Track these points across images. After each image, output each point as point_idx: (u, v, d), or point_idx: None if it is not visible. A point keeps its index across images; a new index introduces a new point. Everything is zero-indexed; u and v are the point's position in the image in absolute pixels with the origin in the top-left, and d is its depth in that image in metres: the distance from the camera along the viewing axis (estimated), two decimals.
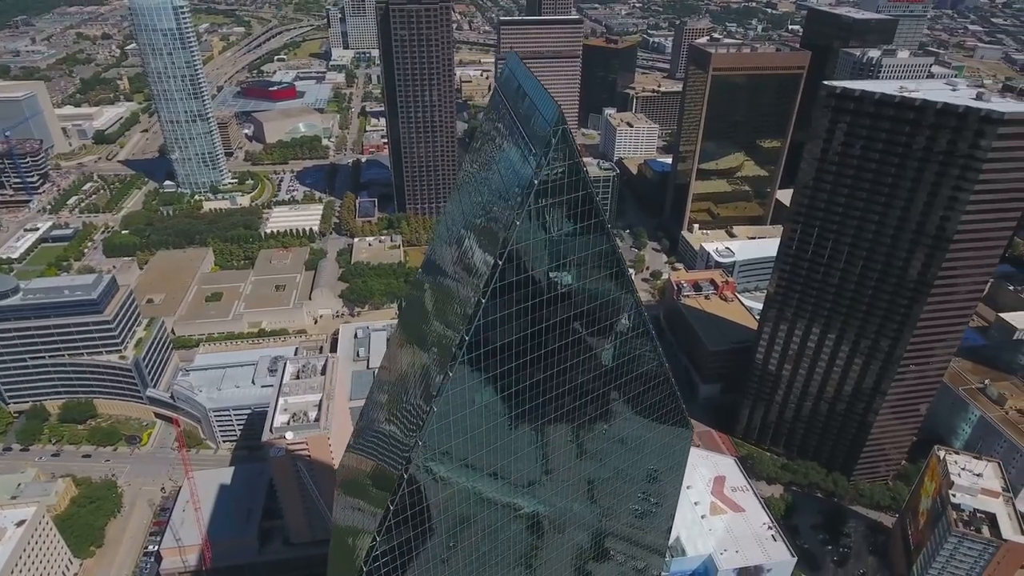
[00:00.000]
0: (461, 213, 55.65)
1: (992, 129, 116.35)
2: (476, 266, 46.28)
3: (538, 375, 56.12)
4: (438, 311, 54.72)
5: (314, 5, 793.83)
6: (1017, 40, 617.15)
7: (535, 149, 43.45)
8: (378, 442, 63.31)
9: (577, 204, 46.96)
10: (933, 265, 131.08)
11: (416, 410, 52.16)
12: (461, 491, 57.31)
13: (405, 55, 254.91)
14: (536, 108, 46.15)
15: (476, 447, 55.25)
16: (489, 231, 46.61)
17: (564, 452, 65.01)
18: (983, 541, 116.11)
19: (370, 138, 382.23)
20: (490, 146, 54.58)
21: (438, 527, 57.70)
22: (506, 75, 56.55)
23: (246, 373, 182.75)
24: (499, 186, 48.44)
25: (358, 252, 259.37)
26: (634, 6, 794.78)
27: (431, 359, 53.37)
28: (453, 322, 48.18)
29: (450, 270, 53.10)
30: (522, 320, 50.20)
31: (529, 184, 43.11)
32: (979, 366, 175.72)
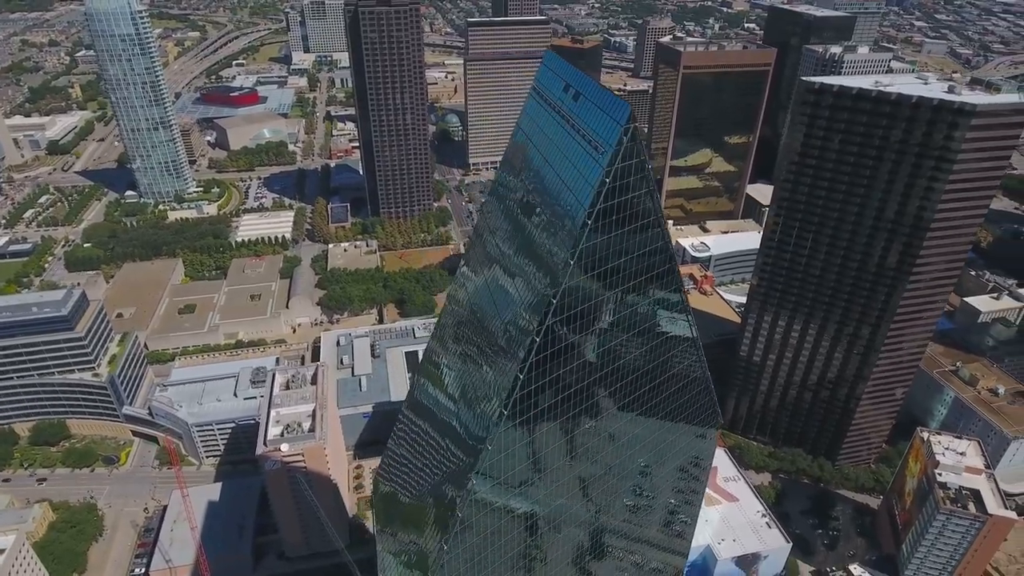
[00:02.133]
0: (507, 220, 55.43)
1: (965, 121, 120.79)
2: (541, 267, 46.11)
3: (597, 373, 56.84)
4: (497, 325, 54.40)
5: (270, 8, 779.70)
6: (960, 35, 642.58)
7: (602, 147, 43.56)
8: (436, 462, 63.08)
9: (640, 202, 47.19)
10: (910, 254, 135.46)
11: (477, 429, 52.07)
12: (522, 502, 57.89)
13: (375, 58, 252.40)
14: (598, 107, 46.22)
15: (537, 457, 55.85)
16: (551, 233, 46.52)
17: (611, 452, 65.55)
18: (970, 517, 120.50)
19: (338, 143, 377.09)
20: (535, 149, 54.30)
21: (501, 534, 58.14)
22: (547, 75, 56.49)
23: (227, 386, 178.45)
24: (557, 188, 48.38)
25: (333, 258, 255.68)
26: (593, 6, 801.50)
27: (494, 377, 53.19)
28: (524, 320, 48.08)
29: (503, 277, 52.86)
30: (588, 314, 50.81)
31: (600, 183, 43.20)
32: (950, 349, 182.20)
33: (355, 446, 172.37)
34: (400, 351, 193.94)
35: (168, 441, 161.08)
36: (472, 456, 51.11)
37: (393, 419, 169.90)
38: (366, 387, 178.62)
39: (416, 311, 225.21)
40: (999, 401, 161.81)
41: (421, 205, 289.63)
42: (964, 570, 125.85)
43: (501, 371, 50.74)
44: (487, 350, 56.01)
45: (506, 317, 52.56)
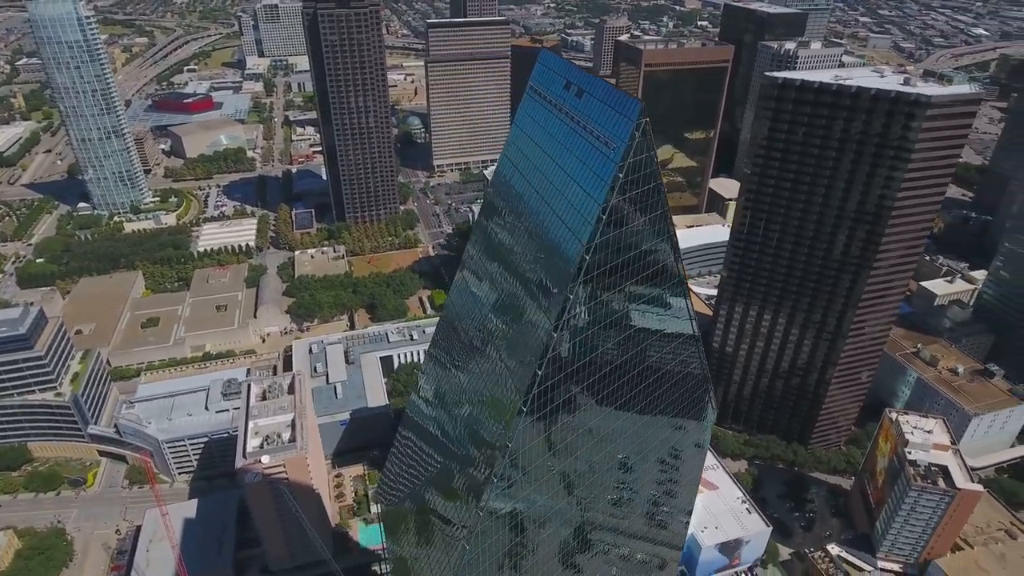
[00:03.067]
0: (512, 224, 55.58)
1: (921, 112, 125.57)
2: (554, 264, 46.29)
3: (607, 368, 57.45)
4: (508, 324, 54.53)
5: (221, 13, 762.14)
6: (903, 30, 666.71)
7: (614, 143, 43.96)
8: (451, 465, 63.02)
9: (648, 196, 47.78)
10: (873, 242, 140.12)
11: (496, 429, 52.20)
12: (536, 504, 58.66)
13: (336, 61, 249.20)
14: (606, 104, 46.61)
15: (553, 453, 56.34)
16: (562, 229, 46.77)
17: (619, 447, 66.47)
18: (940, 492, 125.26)
19: (298, 148, 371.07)
20: (539, 148, 54.36)
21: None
22: (544, 74, 56.65)
23: (198, 399, 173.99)
24: (566, 185, 48.56)
25: (301, 265, 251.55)
26: (549, 6, 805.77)
27: (511, 380, 53.43)
28: (536, 319, 48.32)
29: (510, 278, 52.94)
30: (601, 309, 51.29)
31: (613, 179, 43.57)
32: (910, 332, 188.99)
33: (333, 454, 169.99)
34: (374, 356, 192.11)
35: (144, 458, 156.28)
36: (489, 458, 51.17)
37: (371, 425, 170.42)
38: (342, 394, 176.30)
39: (388, 315, 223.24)
40: (959, 380, 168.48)
41: (387, 209, 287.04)
42: (935, 543, 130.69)
43: (517, 372, 50.91)
44: (499, 353, 56.12)
45: (518, 318, 52.68)
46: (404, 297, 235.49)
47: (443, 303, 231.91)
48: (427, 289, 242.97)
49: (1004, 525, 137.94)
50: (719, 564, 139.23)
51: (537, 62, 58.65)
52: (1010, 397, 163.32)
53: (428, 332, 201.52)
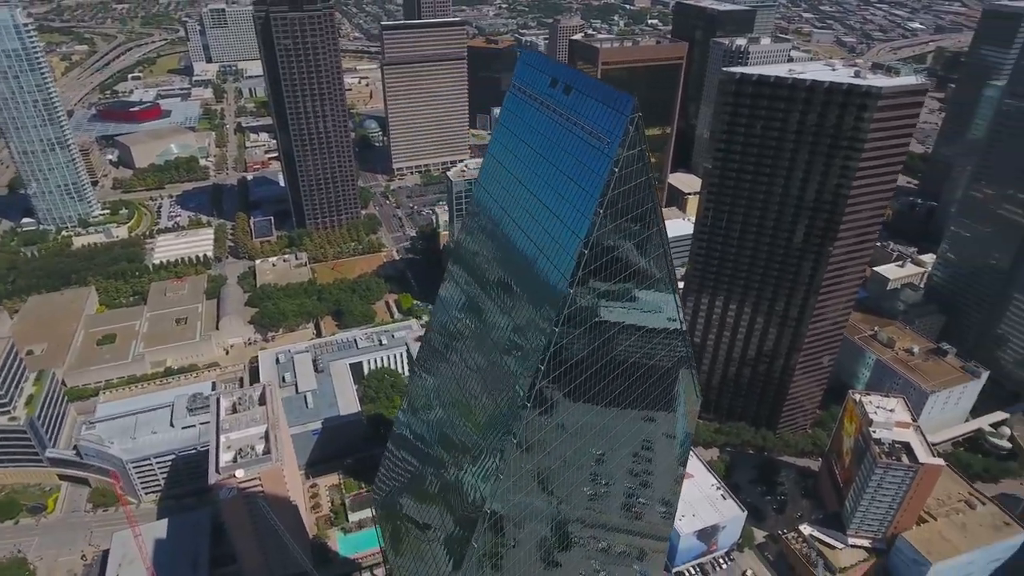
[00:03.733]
0: (502, 222, 55.59)
1: (873, 103, 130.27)
2: (551, 261, 46.48)
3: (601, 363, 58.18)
4: (501, 326, 54.54)
5: (164, 18, 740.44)
6: (844, 25, 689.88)
7: (608, 138, 44.35)
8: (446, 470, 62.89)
9: (640, 189, 48.38)
10: (831, 230, 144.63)
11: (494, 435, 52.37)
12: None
13: (291, 65, 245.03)
14: (597, 100, 46.98)
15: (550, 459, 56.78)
16: (558, 225, 46.98)
17: (609, 442, 67.20)
18: (904, 467, 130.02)
19: (253, 154, 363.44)
20: (527, 146, 54.51)
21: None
22: (527, 72, 56.78)
23: (162, 416, 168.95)
24: (559, 181, 48.81)
25: (262, 274, 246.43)
26: (500, 7, 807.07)
27: (500, 386, 53.50)
28: (532, 325, 48.51)
29: (505, 279, 52.94)
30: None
31: (609, 173, 43.96)
32: (867, 315, 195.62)
33: (306, 465, 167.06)
34: (344, 363, 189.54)
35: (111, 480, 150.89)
36: (491, 461, 51.32)
37: (344, 433, 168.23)
38: (312, 403, 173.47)
39: (355, 321, 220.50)
40: (915, 360, 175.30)
41: (348, 214, 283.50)
42: (902, 518, 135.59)
43: (518, 370, 51.07)
44: (497, 354, 56.13)
45: (515, 319, 52.79)
46: (370, 302, 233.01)
47: (410, 307, 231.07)
48: (394, 293, 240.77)
49: (963, 496, 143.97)
50: (698, 551, 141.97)
51: (519, 61, 58.95)
52: (963, 374, 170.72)
53: (397, 336, 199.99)
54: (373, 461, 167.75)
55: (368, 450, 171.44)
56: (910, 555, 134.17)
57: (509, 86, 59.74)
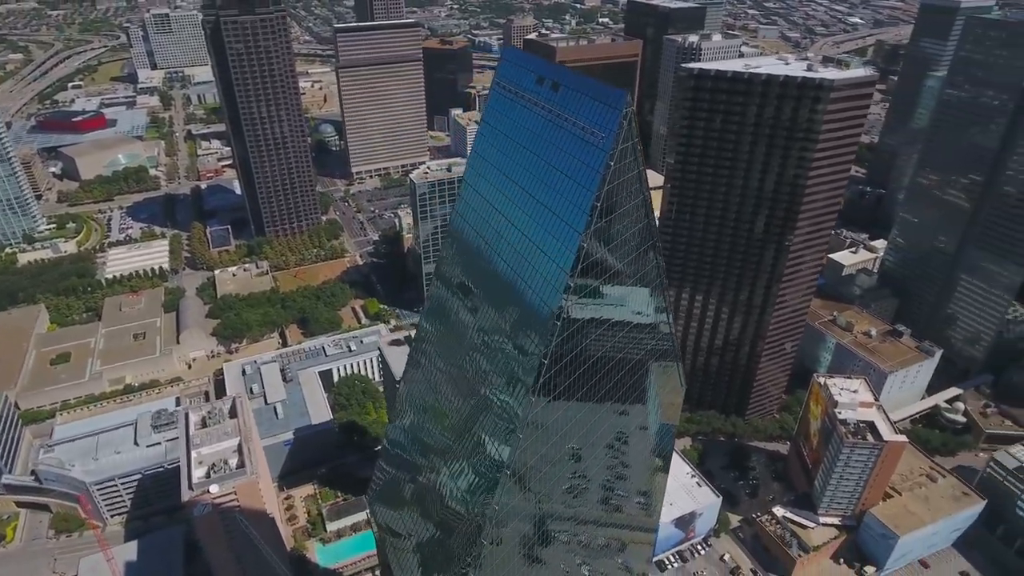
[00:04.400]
0: (492, 218, 55.62)
1: (826, 95, 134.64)
2: (548, 256, 46.60)
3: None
4: (495, 326, 54.56)
5: (103, 24, 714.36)
6: (787, 20, 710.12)
7: (601, 133, 44.68)
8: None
9: (633, 182, 48.91)
10: (791, 219, 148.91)
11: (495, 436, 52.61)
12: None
13: (243, 70, 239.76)
14: (589, 96, 47.30)
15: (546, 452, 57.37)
16: (555, 222, 47.14)
17: (596, 435, 68.03)
18: (869, 445, 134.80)
19: (205, 162, 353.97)
20: (516, 144, 54.52)
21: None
22: (511, 70, 56.80)
23: (125, 435, 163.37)
24: (553, 178, 48.95)
25: (222, 284, 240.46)
26: (452, 8, 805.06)
27: (499, 390, 53.58)
28: (540, 311, 48.82)
29: (501, 276, 52.88)
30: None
31: (605, 167, 44.32)
32: (826, 301, 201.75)
33: (279, 477, 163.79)
34: (313, 372, 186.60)
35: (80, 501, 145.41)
36: (493, 466, 51.48)
37: (316, 443, 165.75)
38: (283, 414, 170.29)
39: (321, 329, 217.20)
40: (873, 342, 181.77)
41: (309, 220, 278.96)
42: (869, 494, 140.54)
43: (520, 368, 51.24)
44: (494, 354, 56.13)
45: (513, 315, 52.83)
46: (336, 309, 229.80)
47: (377, 311, 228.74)
48: (359, 299, 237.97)
49: (925, 470, 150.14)
50: (676, 539, 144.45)
51: (502, 59, 58.99)
52: (918, 353, 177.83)
53: (366, 342, 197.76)
54: (348, 469, 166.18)
55: (342, 458, 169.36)
56: (878, 530, 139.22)
57: (491, 84, 59.90)
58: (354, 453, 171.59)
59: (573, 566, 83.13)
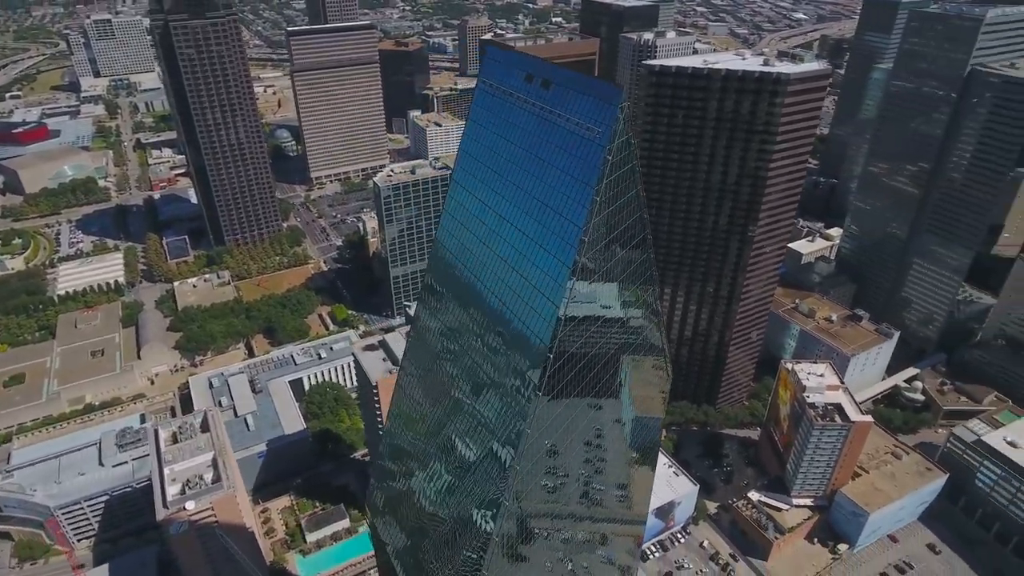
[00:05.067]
0: (484, 216, 55.58)
1: (783, 88, 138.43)
2: (551, 252, 46.73)
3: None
4: (496, 334, 54.54)
5: (40, 31, 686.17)
6: (736, 17, 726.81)
7: (599, 128, 45.00)
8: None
9: (628, 176, 49.41)
10: (753, 210, 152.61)
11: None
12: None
13: (196, 75, 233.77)
14: (584, 93, 47.59)
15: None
16: (552, 220, 47.28)
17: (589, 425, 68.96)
18: (838, 427, 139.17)
19: (157, 172, 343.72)
20: (507, 142, 54.49)
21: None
22: (496, 69, 56.77)
23: (89, 456, 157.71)
24: (549, 174, 49.08)
25: (183, 296, 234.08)
26: (404, 9, 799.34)
27: (505, 389, 53.46)
28: (544, 305, 49.28)
29: (494, 274, 52.82)
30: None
31: (603, 161, 44.66)
32: (787, 289, 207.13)
33: (253, 490, 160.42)
34: (283, 381, 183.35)
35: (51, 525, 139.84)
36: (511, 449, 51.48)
37: (291, 453, 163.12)
38: (254, 426, 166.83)
39: (289, 337, 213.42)
40: (835, 327, 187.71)
41: (269, 227, 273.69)
42: (839, 474, 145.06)
43: (524, 367, 51.42)
44: (498, 350, 56.10)
45: (513, 313, 52.88)
46: (303, 317, 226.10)
47: (345, 318, 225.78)
48: (326, 305, 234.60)
49: (889, 448, 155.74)
50: (657, 528, 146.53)
51: (485, 57, 59.03)
52: (877, 336, 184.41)
53: (336, 349, 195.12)
54: (324, 478, 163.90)
55: (318, 467, 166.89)
56: (849, 508, 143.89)
57: (477, 82, 59.89)
58: (330, 462, 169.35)
59: (576, 562, 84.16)
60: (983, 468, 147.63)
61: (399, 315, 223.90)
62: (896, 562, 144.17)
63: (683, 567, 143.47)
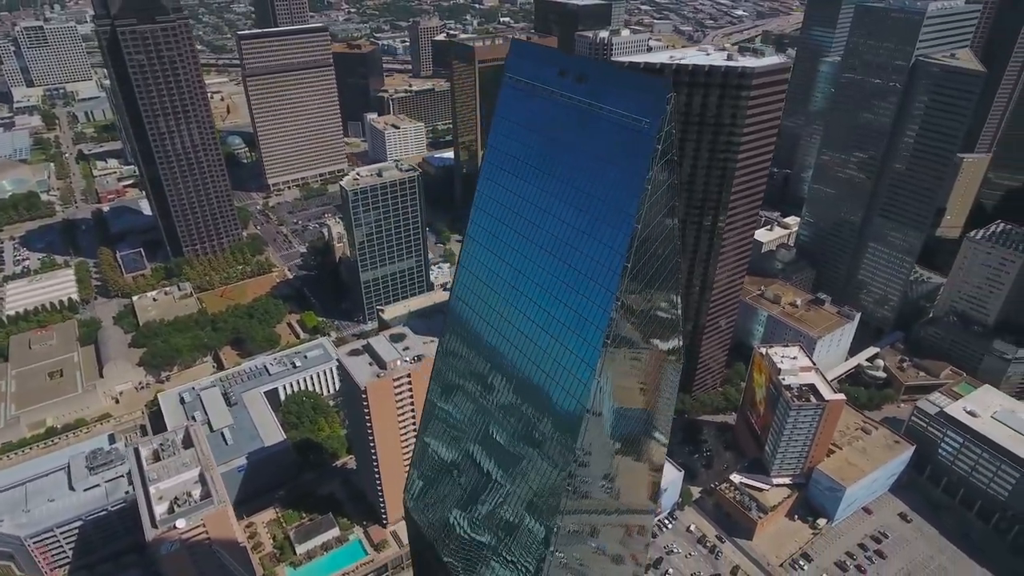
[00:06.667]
0: (521, 209, 55.96)
1: (748, 81, 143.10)
2: (605, 236, 47.53)
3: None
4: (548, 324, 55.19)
5: None
6: (679, 15, 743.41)
7: (647, 118, 46.01)
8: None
9: (669, 165, 50.57)
10: (724, 201, 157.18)
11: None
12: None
13: (147, 82, 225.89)
14: (623, 85, 48.47)
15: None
16: (600, 211, 48.04)
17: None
18: (813, 406, 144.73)
19: (104, 183, 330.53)
20: (544, 136, 54.91)
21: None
22: (523, 64, 57.19)
23: (58, 480, 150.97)
24: (593, 166, 49.74)
25: (143, 311, 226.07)
26: (350, 12, 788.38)
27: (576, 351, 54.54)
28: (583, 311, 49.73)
29: (538, 265, 53.23)
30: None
31: (653, 149, 45.66)
32: (752, 277, 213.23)
33: (235, 504, 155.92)
34: (258, 392, 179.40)
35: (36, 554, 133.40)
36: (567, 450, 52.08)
37: (272, 465, 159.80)
38: (232, 439, 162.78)
39: (259, 348, 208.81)
40: (800, 311, 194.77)
41: (229, 236, 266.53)
42: (815, 452, 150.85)
43: (581, 346, 52.02)
44: (546, 346, 56.73)
45: (566, 302, 53.47)
46: (271, 326, 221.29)
47: (316, 325, 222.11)
48: (295, 313, 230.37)
49: (859, 425, 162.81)
50: None
51: (510, 52, 59.60)
52: (840, 318, 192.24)
53: (312, 356, 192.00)
54: (308, 488, 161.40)
55: (301, 477, 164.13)
56: (826, 484, 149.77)
57: (503, 78, 60.35)
58: (312, 471, 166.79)
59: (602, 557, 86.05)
60: (946, 438, 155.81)
61: (371, 320, 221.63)
62: (872, 532, 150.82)
63: (673, 552, 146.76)
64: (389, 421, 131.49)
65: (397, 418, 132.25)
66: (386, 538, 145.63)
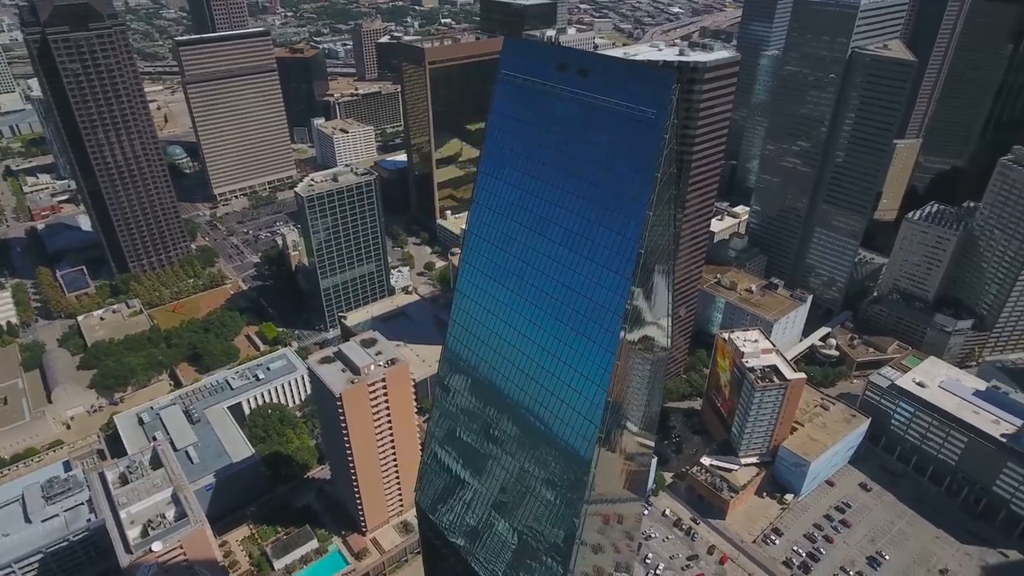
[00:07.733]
0: (529, 204, 56.32)
1: (701, 76, 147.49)
2: (620, 227, 48.41)
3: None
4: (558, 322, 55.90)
5: None
6: (618, 13, 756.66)
7: (654, 111, 46.96)
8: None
9: (671, 155, 51.88)
10: (681, 194, 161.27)
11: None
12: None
13: (83, 93, 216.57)
14: (627, 78, 49.35)
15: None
16: (610, 201, 48.79)
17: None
18: (777, 386, 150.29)
19: (37, 200, 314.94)
20: (544, 131, 55.31)
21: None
22: (517, 60, 57.45)
23: (13, 513, 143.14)
24: (603, 158, 50.45)
25: (90, 331, 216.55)
26: (286, 16, 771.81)
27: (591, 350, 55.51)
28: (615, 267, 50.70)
29: (548, 254, 53.61)
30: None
31: (661, 140, 46.64)
32: (708, 266, 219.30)
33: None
34: (220, 408, 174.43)
35: None
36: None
37: (242, 481, 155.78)
38: (198, 457, 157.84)
39: (217, 362, 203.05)
40: (755, 296, 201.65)
41: (177, 249, 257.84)
42: (779, 431, 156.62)
43: (597, 344, 52.95)
44: (562, 346, 57.49)
45: (577, 290, 54.01)
46: (229, 339, 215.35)
47: (276, 336, 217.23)
48: (253, 324, 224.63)
49: (818, 402, 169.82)
50: None
51: (504, 50, 59.94)
52: (793, 301, 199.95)
53: (273, 368, 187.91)
54: (281, 501, 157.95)
55: (272, 491, 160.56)
56: (791, 460, 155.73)
57: (497, 75, 60.71)
58: (283, 484, 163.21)
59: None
60: (898, 409, 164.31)
61: (333, 327, 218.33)
62: (836, 504, 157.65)
63: (651, 537, 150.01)
64: (365, 427, 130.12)
65: (373, 424, 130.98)
66: (366, 546, 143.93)
